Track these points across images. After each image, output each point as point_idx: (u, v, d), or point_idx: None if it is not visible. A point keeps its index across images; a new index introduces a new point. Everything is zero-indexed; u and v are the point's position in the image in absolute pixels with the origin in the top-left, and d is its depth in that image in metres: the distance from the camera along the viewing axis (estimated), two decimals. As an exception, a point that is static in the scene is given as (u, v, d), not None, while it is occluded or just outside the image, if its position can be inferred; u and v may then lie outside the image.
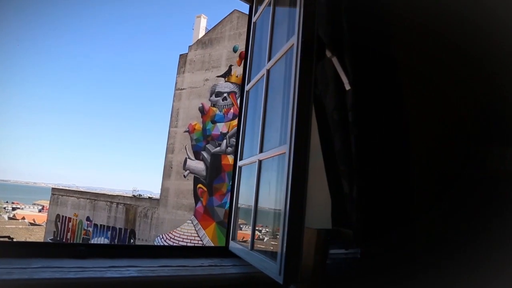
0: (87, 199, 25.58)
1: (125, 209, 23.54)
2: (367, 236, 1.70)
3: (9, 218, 37.73)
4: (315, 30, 1.61)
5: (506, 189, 1.76)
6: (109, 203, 24.34)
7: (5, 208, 52.86)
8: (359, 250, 1.68)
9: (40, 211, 54.21)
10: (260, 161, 1.97)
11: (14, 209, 55.28)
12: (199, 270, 1.91)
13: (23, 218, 38.76)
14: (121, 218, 23.48)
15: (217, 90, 21.12)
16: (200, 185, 20.50)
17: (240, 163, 2.34)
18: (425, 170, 1.87)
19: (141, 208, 22.92)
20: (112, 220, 23.82)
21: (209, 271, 1.93)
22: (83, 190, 32.36)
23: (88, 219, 24.67)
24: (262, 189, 2.14)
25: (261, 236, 2.42)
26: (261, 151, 1.98)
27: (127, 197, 25.14)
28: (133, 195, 26.23)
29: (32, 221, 37.38)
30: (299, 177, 1.53)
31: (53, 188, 28.35)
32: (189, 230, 20.32)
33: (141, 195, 26.19)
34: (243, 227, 2.45)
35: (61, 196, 26.88)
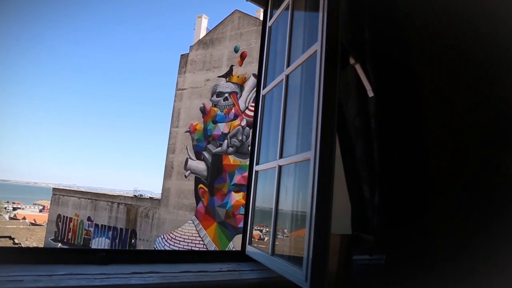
0: (88, 199, 25.57)
1: (126, 209, 23.53)
2: (389, 242, 1.70)
3: (10, 218, 37.70)
4: (339, 37, 1.62)
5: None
6: (110, 203, 24.33)
7: (5, 208, 52.82)
8: (383, 256, 1.68)
9: (40, 211, 54.19)
10: (280, 167, 1.98)
11: (14, 209, 55.23)
12: (219, 276, 1.91)
13: (24, 218, 38.72)
14: (122, 218, 23.47)
15: (218, 90, 21.11)
16: (201, 185, 20.49)
17: (257, 167, 2.34)
18: (443, 177, 1.88)
19: (142, 208, 22.91)
20: (113, 220, 23.81)
21: (229, 276, 1.93)
22: (84, 190, 32.32)
23: (89, 219, 24.66)
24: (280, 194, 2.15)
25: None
26: (281, 156, 1.98)
27: (128, 197, 25.13)
28: (134, 195, 26.21)
29: (33, 221, 37.35)
30: (324, 183, 1.53)
31: (54, 188, 28.32)
32: (190, 230, 20.32)
33: (142, 195, 26.17)
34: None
35: (62, 196, 26.86)
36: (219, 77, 21.36)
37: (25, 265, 1.65)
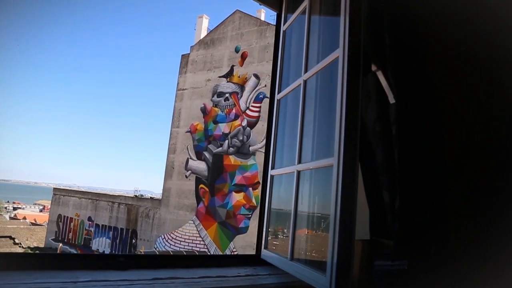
0: (89, 199, 25.55)
1: (126, 209, 23.51)
2: (411, 247, 1.71)
3: (11, 218, 37.67)
4: (361, 44, 1.62)
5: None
6: (110, 203, 24.31)
7: (6, 208, 52.77)
8: (406, 261, 1.68)
9: (41, 211, 54.18)
10: (298, 172, 1.98)
11: (15, 208, 55.20)
12: (239, 281, 1.91)
13: (24, 218, 38.69)
14: (122, 218, 23.45)
15: (219, 90, 21.10)
16: (202, 185, 20.50)
17: (272, 172, 2.34)
18: (464, 182, 1.88)
19: (142, 208, 22.90)
20: (113, 220, 23.79)
21: (248, 281, 1.93)
22: (84, 190, 32.30)
23: (89, 219, 24.64)
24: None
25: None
26: (299, 161, 1.99)
27: (128, 197, 25.12)
28: (134, 195, 26.19)
29: (33, 221, 37.32)
30: (348, 190, 1.54)
31: (54, 188, 28.29)
32: (191, 230, 20.32)
33: (142, 195, 26.16)
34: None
35: (62, 196, 26.84)
36: (219, 77, 21.36)
37: (47, 271, 1.65)
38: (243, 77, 20.18)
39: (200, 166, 20.93)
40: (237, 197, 19.03)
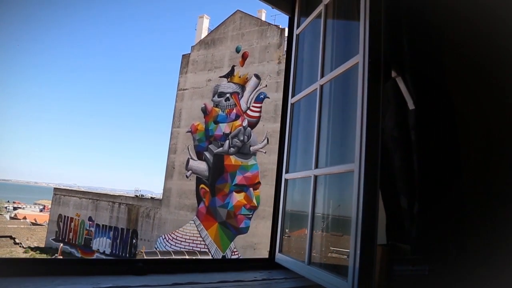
0: (89, 199, 25.53)
1: (127, 209, 23.50)
2: (431, 252, 1.72)
3: (11, 218, 37.67)
4: (382, 50, 1.63)
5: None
6: (111, 203, 24.29)
7: (6, 207, 52.73)
8: (427, 266, 1.69)
9: (41, 210, 54.13)
10: (316, 177, 1.98)
11: (15, 208, 55.14)
12: (256, 285, 1.92)
13: (25, 218, 38.69)
14: (123, 218, 23.44)
15: (219, 90, 21.09)
16: (202, 186, 20.49)
17: (287, 176, 2.35)
18: (480, 188, 1.89)
19: (143, 208, 22.89)
20: (114, 220, 23.78)
21: (266, 286, 1.94)
22: (85, 190, 32.28)
23: (90, 219, 24.63)
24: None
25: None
26: (316, 166, 1.99)
27: (129, 197, 25.10)
28: (135, 195, 26.17)
29: (34, 220, 37.33)
30: (370, 195, 1.54)
31: (55, 188, 28.24)
32: (191, 230, 20.33)
33: (143, 195, 26.14)
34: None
35: (63, 196, 26.80)
36: (220, 77, 21.35)
37: (69, 277, 1.65)
38: (244, 77, 20.17)
39: (201, 166, 20.92)
40: (237, 197, 19.03)
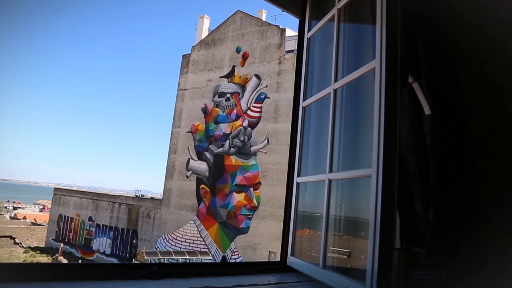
0: (90, 199, 25.49)
1: (127, 209, 23.48)
2: (448, 257, 1.72)
3: (11, 218, 37.60)
4: (398, 56, 1.63)
5: None
6: (111, 203, 24.27)
7: (6, 207, 52.64)
8: (443, 271, 1.70)
9: (41, 210, 54.04)
10: (330, 181, 1.99)
11: (15, 208, 55.03)
12: (271, 289, 1.93)
13: (24, 218, 38.63)
14: (123, 218, 23.43)
15: (220, 90, 21.09)
16: (203, 186, 20.49)
17: (299, 179, 2.35)
18: (496, 193, 1.89)
19: (143, 208, 22.87)
20: (114, 220, 23.76)
21: (281, 290, 1.95)
22: (85, 190, 32.24)
23: (90, 219, 24.61)
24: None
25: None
26: (330, 170, 1.99)
27: (129, 197, 25.08)
28: (135, 195, 26.16)
29: (33, 220, 37.30)
30: (388, 200, 1.55)
31: (55, 188, 28.20)
32: (191, 230, 20.33)
33: (143, 196, 26.14)
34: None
35: (63, 196, 26.77)
36: (221, 77, 21.34)
37: (88, 281, 1.66)
38: (244, 78, 20.16)
39: (201, 166, 20.91)
40: (238, 198, 19.03)
